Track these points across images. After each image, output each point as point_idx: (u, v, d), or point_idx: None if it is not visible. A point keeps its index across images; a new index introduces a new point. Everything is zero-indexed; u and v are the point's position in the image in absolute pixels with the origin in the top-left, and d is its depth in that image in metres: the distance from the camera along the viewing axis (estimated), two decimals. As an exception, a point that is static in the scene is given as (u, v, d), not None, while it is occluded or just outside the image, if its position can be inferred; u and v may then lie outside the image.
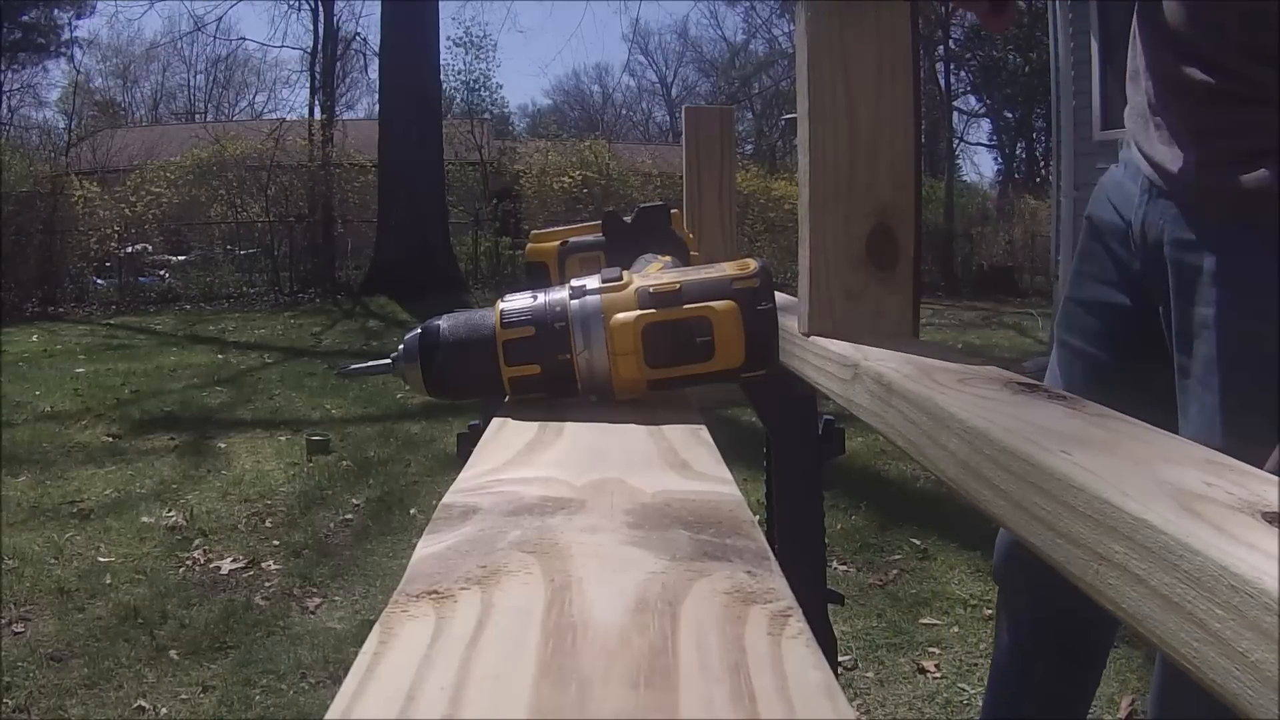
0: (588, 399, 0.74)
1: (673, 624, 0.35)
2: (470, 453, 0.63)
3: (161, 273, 13.90)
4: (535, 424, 0.70)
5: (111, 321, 10.99)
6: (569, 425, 0.69)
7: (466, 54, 31.13)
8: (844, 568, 3.33)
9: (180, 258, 14.28)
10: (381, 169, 13.18)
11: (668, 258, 0.93)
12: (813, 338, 0.86)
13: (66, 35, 28.89)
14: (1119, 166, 1.31)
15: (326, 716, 0.29)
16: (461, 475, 0.57)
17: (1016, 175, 28.86)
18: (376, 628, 0.35)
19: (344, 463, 4.78)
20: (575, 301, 0.72)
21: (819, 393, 0.85)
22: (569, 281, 0.74)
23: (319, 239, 14.06)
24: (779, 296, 0.82)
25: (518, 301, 0.74)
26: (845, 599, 1.45)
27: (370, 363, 0.82)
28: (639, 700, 0.30)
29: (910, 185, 0.87)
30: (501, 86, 62.82)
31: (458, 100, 26.95)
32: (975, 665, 2.60)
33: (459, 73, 28.76)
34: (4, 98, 29.19)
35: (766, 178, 15.86)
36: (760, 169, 17.24)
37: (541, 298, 0.74)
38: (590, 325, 0.71)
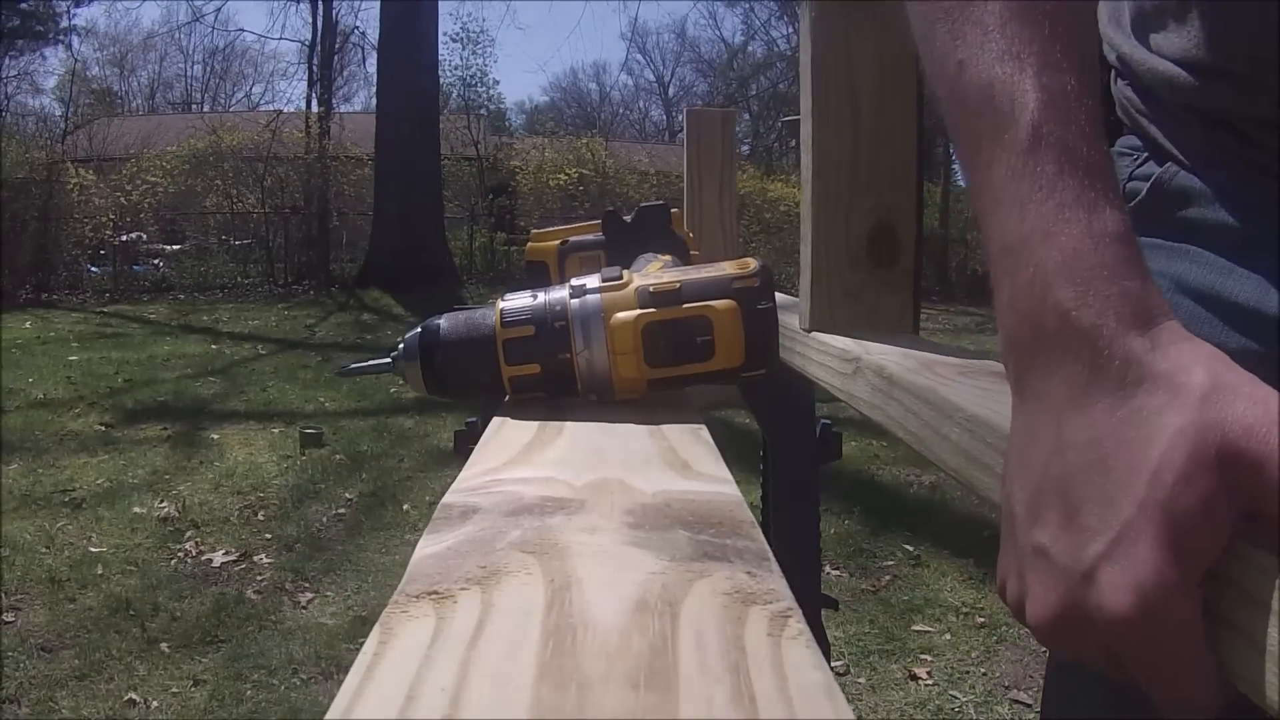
0: (588, 398, 0.74)
1: (673, 624, 0.35)
2: (469, 450, 0.63)
3: (156, 262, 13.87)
4: (535, 423, 0.70)
5: (105, 310, 10.98)
6: (569, 425, 0.69)
7: (464, 49, 31.08)
8: (837, 573, 3.33)
9: (175, 247, 14.25)
10: (378, 163, 13.16)
11: (668, 257, 0.93)
12: (814, 333, 0.86)
13: (65, 23, 28.82)
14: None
15: (327, 716, 0.29)
16: (461, 475, 0.57)
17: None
18: (376, 628, 0.35)
19: (337, 456, 4.78)
20: (575, 301, 0.72)
21: (816, 398, 0.85)
22: (569, 281, 0.75)
23: (314, 231, 14.05)
24: (778, 296, 0.82)
25: (517, 301, 0.74)
26: (839, 604, 1.46)
27: (370, 361, 0.82)
28: (639, 701, 0.30)
29: (911, 183, 0.87)
30: (499, 83, 62.79)
31: (454, 95, 26.94)
32: (967, 673, 2.61)
33: (456, 68, 28.76)
34: (1, 84, 29.14)
35: (763, 179, 15.85)
36: (757, 170, 17.23)
37: (541, 297, 0.74)
38: (590, 324, 0.71)
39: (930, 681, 2.57)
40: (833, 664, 2.59)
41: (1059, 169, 0.43)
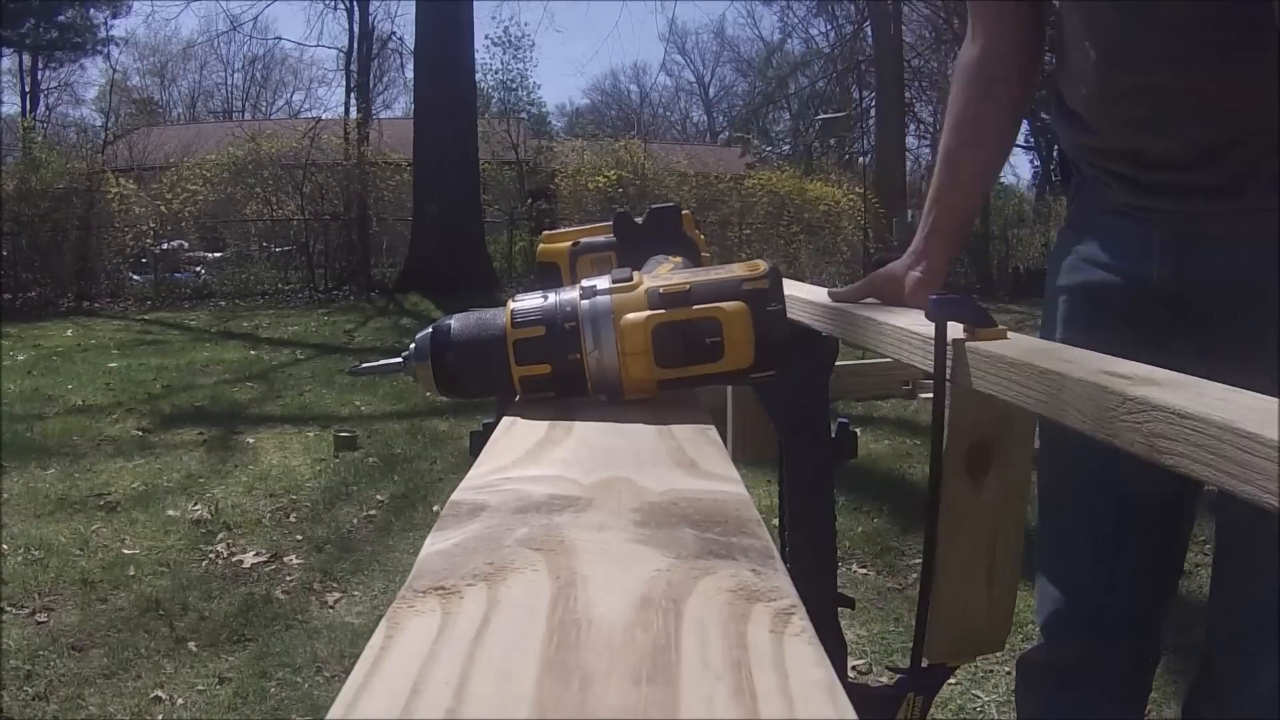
0: (597, 398, 0.75)
1: (676, 621, 0.35)
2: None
3: (197, 269, 14.01)
4: (545, 423, 0.70)
5: (146, 317, 11.09)
6: (578, 424, 0.69)
7: (504, 53, 31.28)
8: (864, 570, 3.31)
9: (216, 255, 14.39)
10: (417, 168, 13.24)
11: (678, 259, 0.93)
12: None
13: (103, 34, 29.17)
14: (1101, 229, 1.28)
15: (332, 709, 0.29)
16: (471, 473, 0.58)
17: (1054, 177, 28.49)
18: (383, 623, 0.35)
19: (370, 459, 4.80)
20: (586, 301, 0.72)
21: (833, 396, 0.85)
22: (580, 282, 0.75)
23: (354, 237, 14.15)
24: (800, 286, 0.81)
25: (528, 301, 0.75)
26: (858, 602, 1.44)
27: (381, 361, 0.82)
28: (641, 696, 0.30)
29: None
30: (540, 86, 62.90)
31: (494, 100, 27.10)
32: (990, 672, 2.58)
33: (495, 72, 28.95)
34: (41, 96, 29.56)
35: (802, 178, 15.80)
36: (796, 170, 17.17)
37: (552, 298, 0.74)
38: (600, 325, 0.71)
39: (952, 680, 2.54)
40: (855, 662, 2.57)
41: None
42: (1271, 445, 0.55)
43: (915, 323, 0.95)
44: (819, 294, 1.21)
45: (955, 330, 0.87)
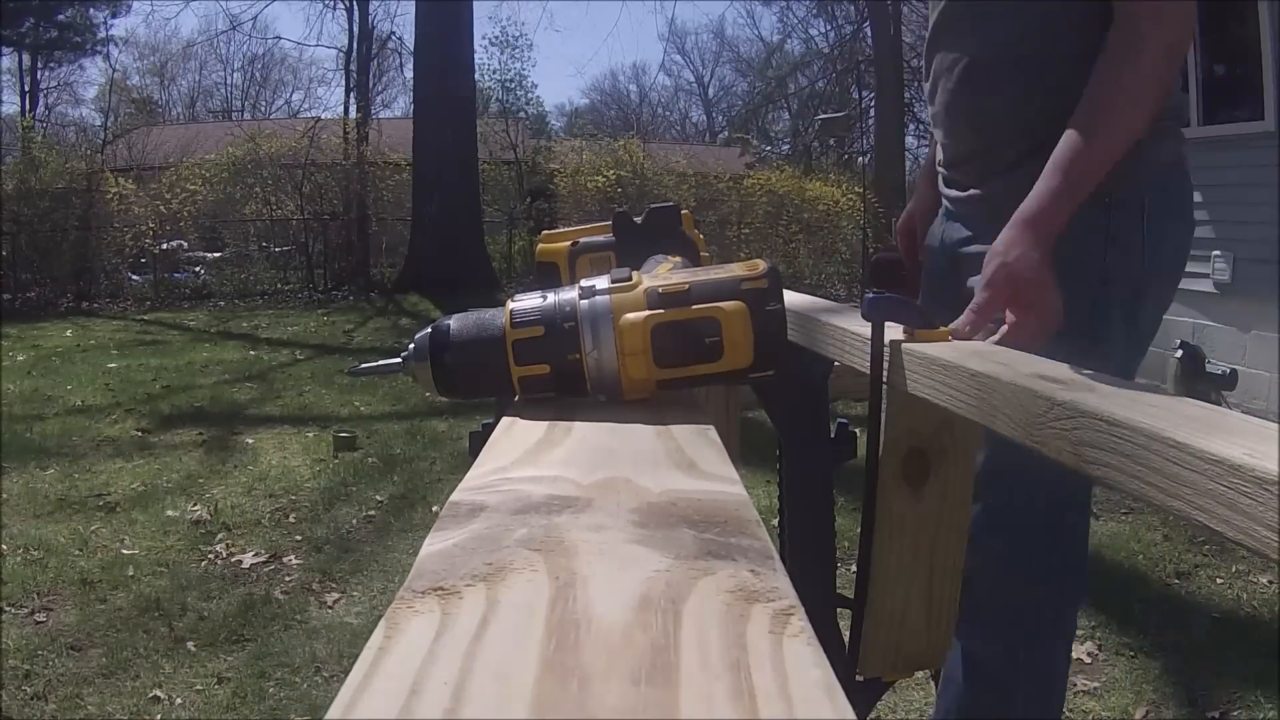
0: (597, 399, 0.75)
1: (675, 622, 0.35)
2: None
3: (196, 269, 13.97)
4: (544, 423, 0.70)
5: (145, 317, 11.07)
6: (577, 424, 0.69)
7: (501, 53, 31.31)
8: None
9: (215, 254, 14.36)
10: (416, 168, 13.23)
11: (677, 258, 0.93)
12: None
13: (102, 34, 29.13)
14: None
15: (331, 709, 0.29)
16: (470, 473, 0.58)
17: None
18: (382, 623, 0.35)
19: (369, 459, 4.80)
20: (585, 301, 0.72)
21: (832, 396, 0.85)
22: (579, 281, 0.75)
23: (353, 237, 14.11)
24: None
25: (527, 301, 0.75)
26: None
27: (381, 361, 0.82)
28: (639, 697, 0.30)
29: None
30: (536, 86, 62.91)
31: (493, 100, 27.13)
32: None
33: (494, 72, 28.99)
34: (41, 95, 29.53)
35: (801, 178, 15.77)
36: (795, 170, 17.13)
37: (551, 298, 0.74)
38: (599, 325, 0.71)
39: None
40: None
41: None
42: (1201, 456, 0.50)
43: (855, 323, 0.94)
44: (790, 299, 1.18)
45: (895, 331, 0.86)
